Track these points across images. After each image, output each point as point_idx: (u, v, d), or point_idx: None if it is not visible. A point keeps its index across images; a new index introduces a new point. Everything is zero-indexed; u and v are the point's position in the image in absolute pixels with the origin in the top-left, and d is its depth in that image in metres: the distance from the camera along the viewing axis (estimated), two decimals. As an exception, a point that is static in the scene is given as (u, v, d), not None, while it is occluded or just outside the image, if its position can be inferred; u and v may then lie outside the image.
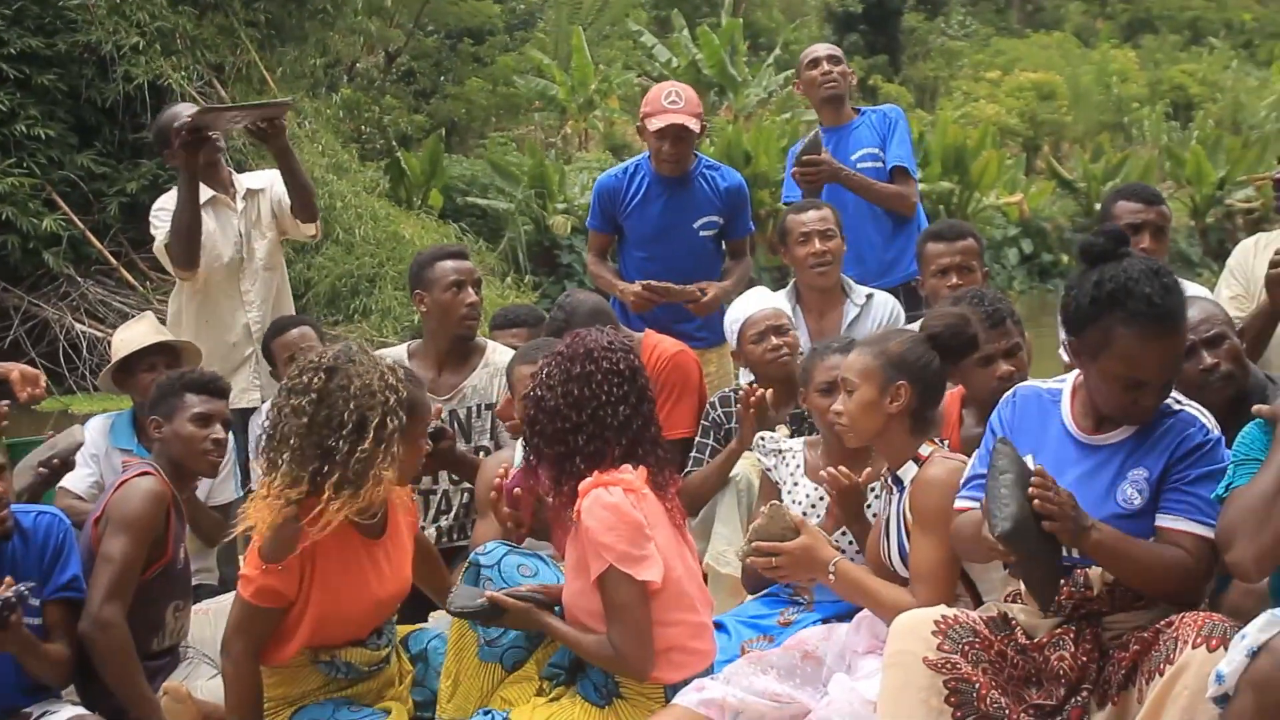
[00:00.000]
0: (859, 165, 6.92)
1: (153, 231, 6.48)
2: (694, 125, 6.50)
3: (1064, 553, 3.65)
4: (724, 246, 6.84)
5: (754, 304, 5.65)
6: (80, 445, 5.30)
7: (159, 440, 5.14)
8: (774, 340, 5.52)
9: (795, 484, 4.94)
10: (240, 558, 4.71)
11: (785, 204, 7.27)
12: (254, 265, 6.50)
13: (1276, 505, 3.43)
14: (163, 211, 6.42)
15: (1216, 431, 3.71)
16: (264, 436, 4.21)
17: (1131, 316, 3.58)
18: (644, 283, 6.44)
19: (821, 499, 4.76)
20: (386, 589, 4.36)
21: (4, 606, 4.17)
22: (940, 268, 5.75)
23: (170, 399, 5.15)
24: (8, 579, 4.26)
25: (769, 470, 5.00)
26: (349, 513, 4.10)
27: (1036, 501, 3.48)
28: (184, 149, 6.11)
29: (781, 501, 4.83)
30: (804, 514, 4.79)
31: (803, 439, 5.07)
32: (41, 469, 5.22)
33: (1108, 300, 3.61)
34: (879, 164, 6.97)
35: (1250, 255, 5.51)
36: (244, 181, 6.64)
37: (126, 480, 4.86)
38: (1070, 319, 3.73)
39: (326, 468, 4.07)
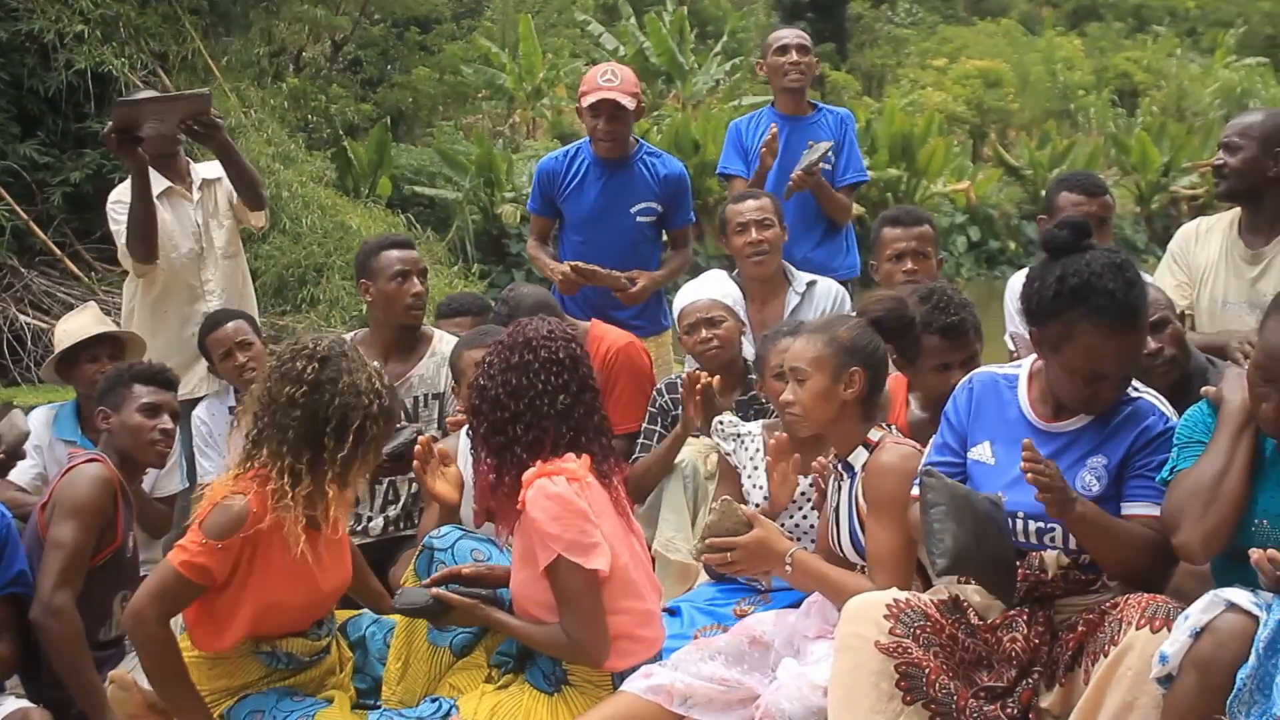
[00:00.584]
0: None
1: (111, 226, 6.42)
2: (628, 102, 6.45)
3: (1015, 537, 3.68)
4: (665, 236, 6.84)
5: (691, 294, 5.64)
6: (27, 434, 5.24)
7: (107, 431, 5.11)
8: (704, 333, 5.52)
9: (755, 468, 4.95)
10: None
11: (719, 174, 7.37)
12: (214, 254, 6.45)
13: (1221, 486, 3.47)
14: (119, 205, 6.36)
15: (1174, 419, 3.74)
16: (251, 419, 4.18)
17: (1095, 312, 3.60)
18: (571, 264, 6.41)
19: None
20: (329, 580, 4.34)
21: None
22: (896, 252, 5.79)
23: (119, 389, 5.13)
24: None
25: (729, 455, 5.00)
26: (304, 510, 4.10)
27: (1030, 475, 3.50)
28: (120, 150, 6.06)
29: (742, 485, 4.83)
30: (764, 499, 4.80)
31: (761, 422, 5.06)
32: None
33: (1071, 295, 3.63)
34: (828, 165, 6.98)
35: (1191, 241, 5.53)
36: (200, 171, 6.59)
37: (74, 466, 4.83)
38: (1033, 311, 3.75)
39: (317, 461, 4.09)
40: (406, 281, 5.68)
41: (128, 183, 6.36)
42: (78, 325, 5.95)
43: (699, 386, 5.21)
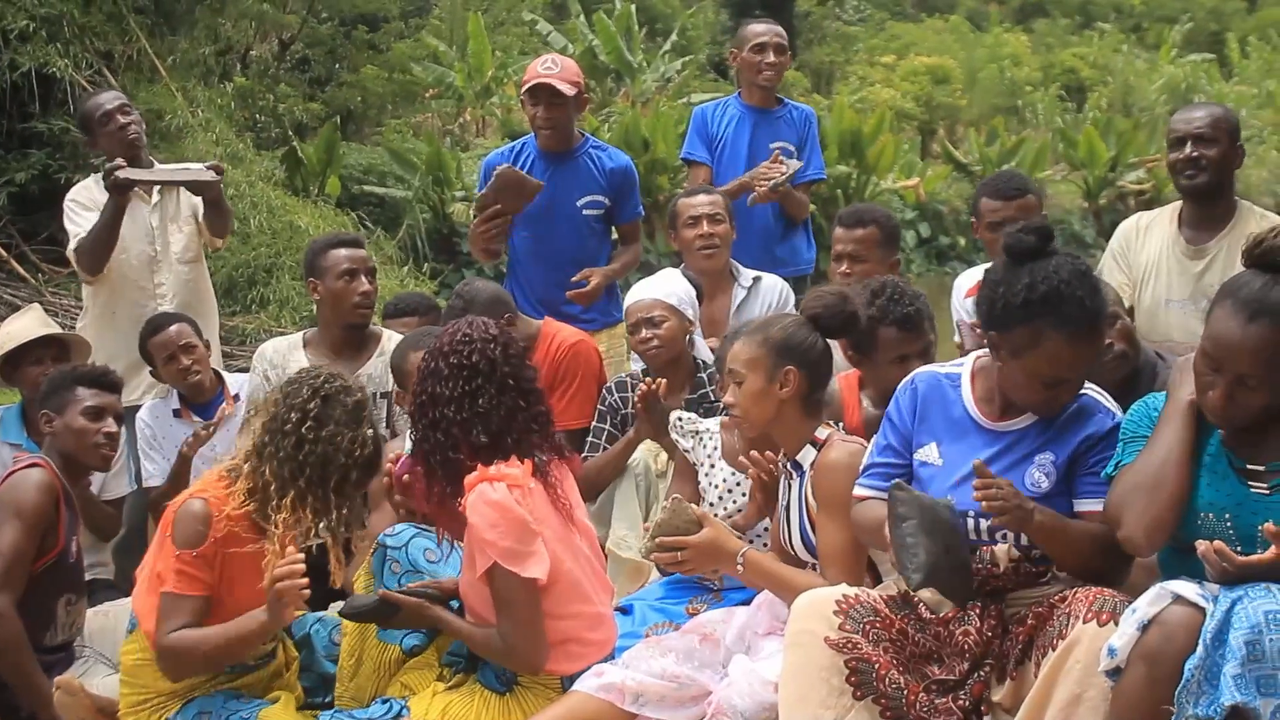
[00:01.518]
0: (772, 152, 6.91)
1: (66, 224, 6.39)
2: (565, 89, 6.38)
3: (969, 535, 3.70)
4: (614, 230, 6.83)
5: (636, 294, 5.62)
6: None
7: (50, 434, 5.08)
8: (644, 333, 5.51)
9: (713, 466, 4.95)
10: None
11: (683, 159, 7.42)
12: (170, 259, 6.40)
13: (1162, 478, 3.50)
14: (77, 205, 6.33)
15: (1120, 414, 3.76)
16: (257, 434, 4.19)
17: (1064, 321, 3.61)
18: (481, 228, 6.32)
19: (739, 483, 4.75)
20: None
21: None
22: (835, 254, 5.83)
23: (62, 392, 5.10)
24: None
25: (687, 451, 4.99)
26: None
27: (985, 503, 3.53)
28: (114, 191, 6.06)
29: (699, 482, 4.83)
30: (720, 497, 4.81)
31: (717, 419, 5.06)
32: None
33: (1041, 303, 3.62)
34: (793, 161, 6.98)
35: (1133, 237, 5.54)
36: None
37: (15, 471, 4.80)
38: (997, 317, 3.73)
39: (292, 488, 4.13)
40: (354, 280, 5.66)
41: (88, 182, 6.34)
42: (21, 327, 5.90)
43: (644, 392, 5.21)
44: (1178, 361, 3.76)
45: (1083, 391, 3.79)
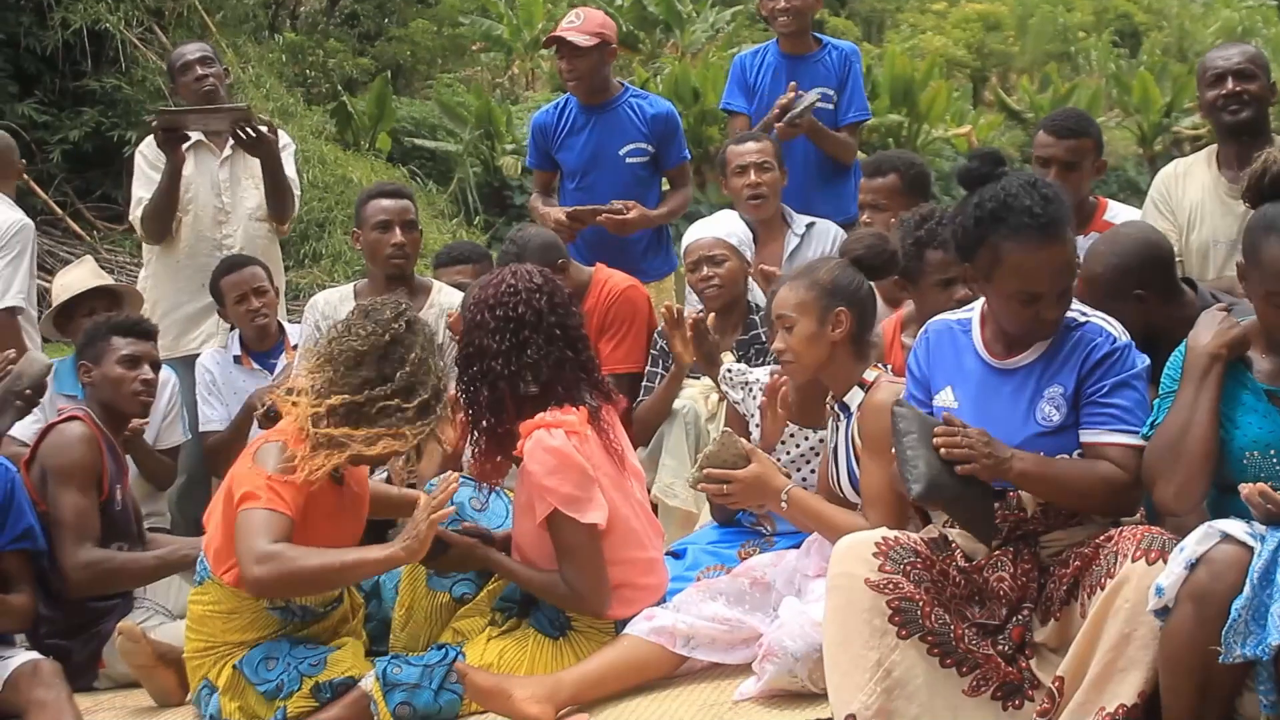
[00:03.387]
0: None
1: (133, 184, 6.47)
2: (581, 40, 6.51)
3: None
4: (663, 177, 6.89)
5: (696, 232, 5.65)
6: (49, 367, 5.27)
7: (89, 384, 5.19)
8: (705, 271, 5.53)
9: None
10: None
11: (723, 109, 7.37)
12: (239, 213, 6.44)
13: (1184, 441, 3.49)
14: (145, 164, 6.41)
15: (1125, 338, 3.73)
16: (320, 338, 4.20)
17: (1015, 230, 3.61)
18: (566, 209, 6.47)
19: (790, 434, 4.75)
20: (346, 532, 4.35)
21: None
22: (860, 202, 5.85)
23: (98, 342, 5.19)
24: None
25: (737, 403, 4.99)
26: (337, 461, 4.08)
27: (944, 450, 3.53)
28: (165, 146, 6.11)
29: (750, 434, 4.85)
30: (770, 448, 4.80)
31: (767, 369, 5.06)
32: (18, 402, 5.22)
33: (990, 218, 3.65)
34: (829, 105, 6.92)
35: (1173, 184, 5.49)
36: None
37: (53, 427, 4.90)
38: (960, 246, 3.77)
39: (365, 410, 4.07)
40: (387, 232, 5.69)
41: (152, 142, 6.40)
42: (74, 279, 5.98)
43: (689, 322, 5.22)
44: (1201, 316, 3.72)
45: (1086, 318, 3.76)
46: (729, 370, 5.04)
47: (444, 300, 5.65)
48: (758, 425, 4.90)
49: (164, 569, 4.87)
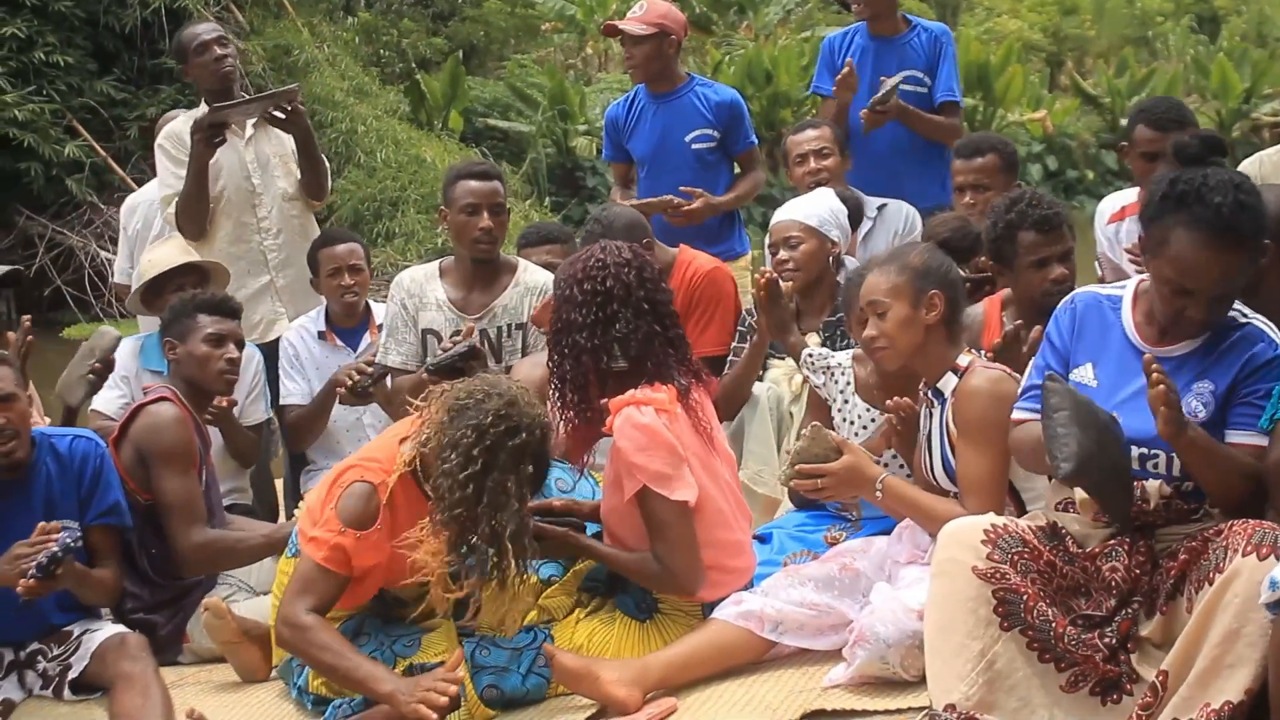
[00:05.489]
0: (900, 87, 6.70)
1: (159, 180, 6.47)
2: (636, 29, 6.62)
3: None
4: (731, 163, 6.93)
5: (780, 214, 5.58)
6: (117, 340, 5.31)
7: (174, 361, 5.20)
8: (781, 254, 5.47)
9: (846, 401, 4.87)
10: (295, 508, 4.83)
11: (813, 92, 7.48)
12: (272, 193, 6.40)
13: None
14: (169, 162, 6.37)
15: None
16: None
17: (1194, 221, 3.50)
18: (633, 202, 6.49)
19: (874, 419, 4.69)
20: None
21: (50, 562, 4.20)
22: (956, 185, 5.78)
23: (183, 320, 5.19)
24: (54, 524, 4.30)
25: (819, 387, 4.93)
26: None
27: (1161, 386, 3.40)
28: (203, 144, 6.08)
29: (833, 418, 4.79)
30: (855, 434, 4.74)
31: (850, 353, 4.99)
32: (90, 376, 5.24)
33: (1177, 200, 3.53)
34: (921, 89, 6.85)
35: (1255, 178, 5.39)
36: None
37: (143, 407, 4.91)
38: (1143, 214, 3.68)
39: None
40: (475, 215, 5.57)
41: (176, 125, 6.40)
42: (162, 255, 5.98)
43: (760, 280, 5.17)
44: None
45: (1247, 320, 3.66)
46: (810, 354, 4.98)
47: (529, 279, 5.60)
48: (839, 410, 4.85)
49: (272, 547, 4.86)
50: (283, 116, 6.22)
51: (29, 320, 5.55)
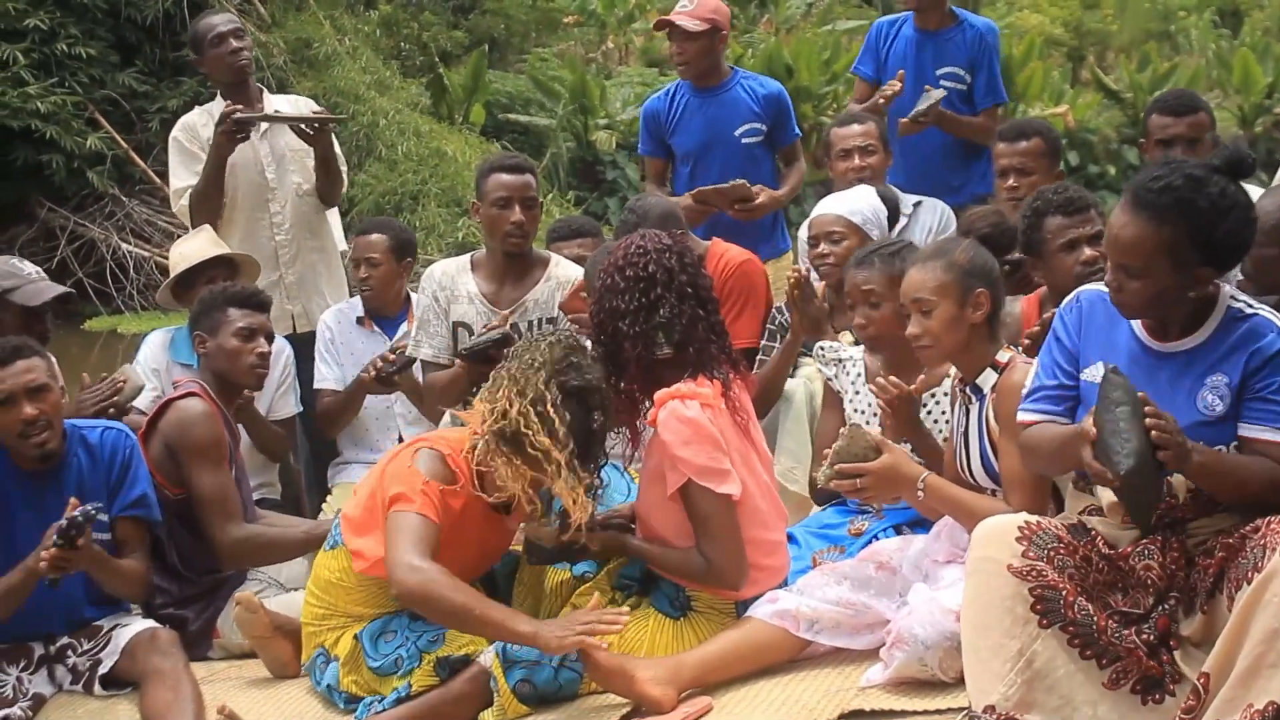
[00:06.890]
0: (941, 82, 6.73)
1: (171, 174, 6.46)
2: (690, 25, 6.61)
3: None
4: (775, 156, 6.91)
5: (821, 207, 5.56)
6: (141, 388, 5.31)
7: (204, 355, 5.19)
8: (821, 248, 5.44)
9: (856, 393, 4.88)
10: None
11: (852, 73, 7.41)
12: (285, 188, 6.40)
13: None
14: (183, 157, 6.37)
15: None
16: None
17: (1126, 190, 3.55)
18: (691, 192, 6.45)
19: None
20: (493, 540, 4.39)
21: (70, 527, 4.19)
22: (999, 169, 5.74)
23: (214, 313, 5.18)
24: (73, 500, 4.29)
25: (830, 380, 4.93)
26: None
27: (1155, 432, 3.37)
28: (225, 139, 6.08)
29: (844, 410, 4.77)
30: (865, 423, 4.72)
31: (862, 347, 4.99)
32: (111, 410, 5.13)
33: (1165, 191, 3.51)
34: (962, 86, 6.81)
35: None
36: (274, 103, 6.57)
37: (172, 402, 4.90)
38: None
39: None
40: (507, 208, 5.55)
41: (192, 118, 6.42)
42: (193, 248, 5.96)
43: (793, 279, 5.14)
44: None
45: (1254, 311, 3.61)
46: (822, 348, 4.99)
47: (561, 273, 5.58)
48: (850, 402, 4.85)
49: (311, 543, 4.83)
50: (311, 133, 6.23)
51: None
